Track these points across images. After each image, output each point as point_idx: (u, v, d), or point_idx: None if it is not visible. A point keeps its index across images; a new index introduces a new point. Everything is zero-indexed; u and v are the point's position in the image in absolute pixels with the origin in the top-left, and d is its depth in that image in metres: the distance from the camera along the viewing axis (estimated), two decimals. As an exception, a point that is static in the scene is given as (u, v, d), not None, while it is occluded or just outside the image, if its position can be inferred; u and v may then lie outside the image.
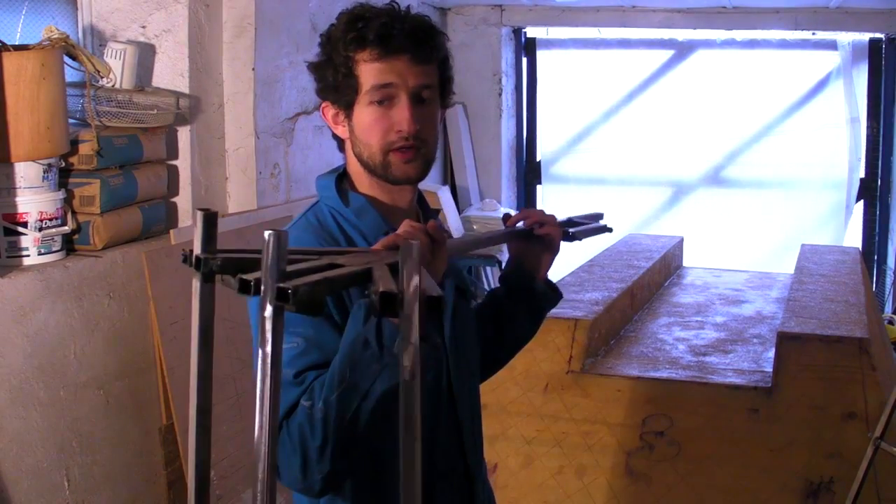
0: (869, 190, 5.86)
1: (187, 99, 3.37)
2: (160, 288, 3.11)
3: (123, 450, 3.09)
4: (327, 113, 1.55)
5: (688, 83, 6.02)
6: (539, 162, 6.39)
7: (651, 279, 3.76)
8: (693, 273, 4.34)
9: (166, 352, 3.09)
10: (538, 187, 6.46)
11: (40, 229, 2.82)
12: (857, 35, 5.67)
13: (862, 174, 5.83)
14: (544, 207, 6.54)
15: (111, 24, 3.38)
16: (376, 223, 1.52)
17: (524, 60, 6.31)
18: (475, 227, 5.64)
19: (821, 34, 5.73)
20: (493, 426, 2.73)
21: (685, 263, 4.52)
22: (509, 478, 2.74)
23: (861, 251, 4.69)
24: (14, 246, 2.80)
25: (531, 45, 6.30)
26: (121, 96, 3.11)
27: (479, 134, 6.17)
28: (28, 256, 2.81)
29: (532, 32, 6.29)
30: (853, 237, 5.84)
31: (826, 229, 5.87)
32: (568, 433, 2.73)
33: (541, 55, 6.30)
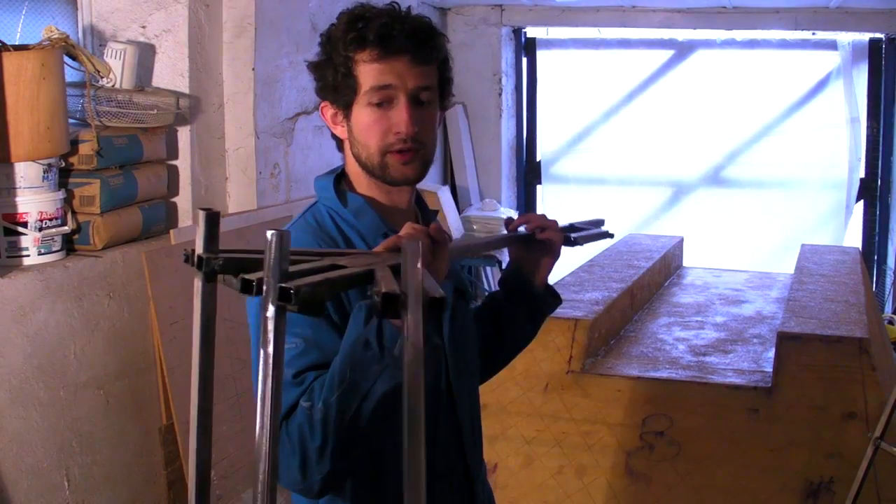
0: (869, 190, 5.86)
1: (187, 99, 3.37)
2: (160, 288, 3.11)
3: (123, 450, 3.09)
4: (326, 113, 1.55)
5: (688, 83, 6.02)
6: (539, 162, 6.39)
7: (651, 279, 3.76)
8: (693, 273, 4.34)
9: (166, 352, 3.09)
10: (538, 187, 6.45)
11: (40, 229, 2.82)
12: (857, 35, 5.67)
13: (862, 174, 5.83)
14: (544, 207, 6.55)
15: (111, 24, 3.38)
16: (374, 224, 1.52)
17: (524, 60, 6.31)
18: (475, 228, 5.63)
19: (821, 34, 5.72)
20: (493, 426, 2.73)
21: (685, 263, 4.52)
22: (509, 478, 2.73)
23: (861, 251, 4.68)
24: (14, 246, 2.80)
25: (531, 45, 6.30)
26: (121, 96, 3.11)
27: (479, 134, 6.16)
28: (28, 256, 2.82)
29: (532, 32, 6.28)
30: (853, 237, 5.84)
31: (826, 229, 5.87)
32: (568, 433, 2.73)
33: (541, 55, 6.29)
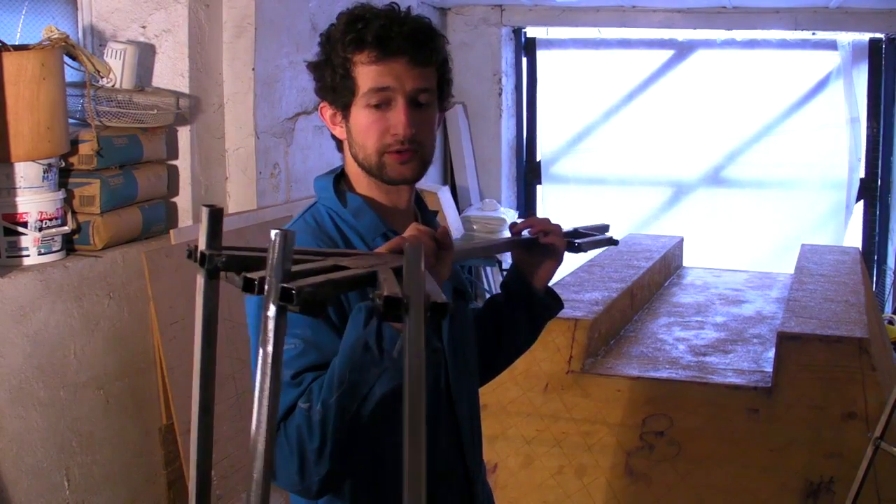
0: (869, 190, 5.86)
1: (187, 99, 3.37)
2: (160, 288, 3.11)
3: (123, 450, 3.09)
4: (325, 113, 1.55)
5: (688, 83, 6.02)
6: (539, 162, 6.39)
7: (651, 279, 3.76)
8: (693, 273, 4.34)
9: (166, 352, 3.09)
10: (538, 187, 6.46)
11: (40, 229, 2.82)
12: (857, 35, 5.67)
13: (862, 174, 5.84)
14: (544, 207, 6.54)
15: (111, 24, 3.38)
16: (374, 224, 1.51)
17: (524, 60, 6.31)
18: (475, 228, 5.63)
19: (821, 34, 5.73)
20: (493, 426, 2.73)
21: (685, 263, 4.52)
22: (509, 478, 2.73)
23: (861, 251, 4.68)
24: (14, 246, 2.80)
25: (531, 45, 6.30)
26: (121, 96, 3.10)
27: (479, 134, 6.16)
28: (28, 256, 2.81)
29: (532, 32, 6.28)
30: (853, 237, 5.84)
31: (826, 229, 5.87)
32: (568, 433, 2.73)
33: (541, 55, 6.29)
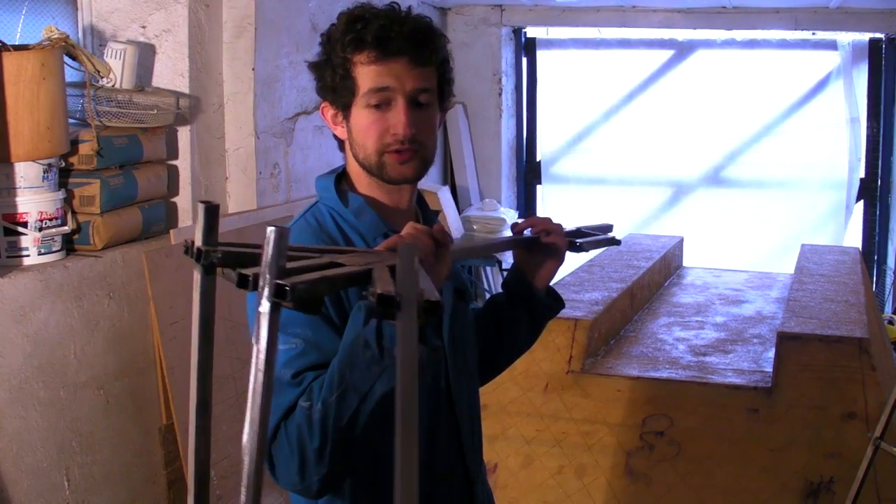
0: (869, 190, 5.86)
1: (187, 99, 3.37)
2: (160, 288, 3.11)
3: (123, 450, 3.09)
4: (326, 113, 1.55)
5: (688, 83, 6.02)
6: (539, 162, 6.39)
7: (651, 279, 3.76)
8: (693, 273, 4.34)
9: (166, 352, 3.09)
10: (538, 187, 6.45)
11: (40, 229, 2.82)
12: (857, 35, 5.66)
13: (862, 174, 5.83)
14: (544, 207, 6.54)
15: (111, 24, 3.38)
16: (375, 223, 1.51)
17: (524, 60, 6.31)
18: (475, 227, 5.63)
19: (821, 34, 5.72)
20: (493, 426, 2.73)
21: (685, 263, 4.52)
22: (509, 478, 2.73)
23: (861, 251, 4.68)
24: (14, 246, 2.80)
25: (531, 45, 6.30)
26: (121, 96, 3.10)
27: (479, 134, 6.16)
28: (28, 256, 2.81)
29: (532, 32, 6.28)
30: (853, 237, 5.84)
31: (826, 229, 5.87)
32: (568, 433, 2.73)
33: (541, 55, 6.29)
